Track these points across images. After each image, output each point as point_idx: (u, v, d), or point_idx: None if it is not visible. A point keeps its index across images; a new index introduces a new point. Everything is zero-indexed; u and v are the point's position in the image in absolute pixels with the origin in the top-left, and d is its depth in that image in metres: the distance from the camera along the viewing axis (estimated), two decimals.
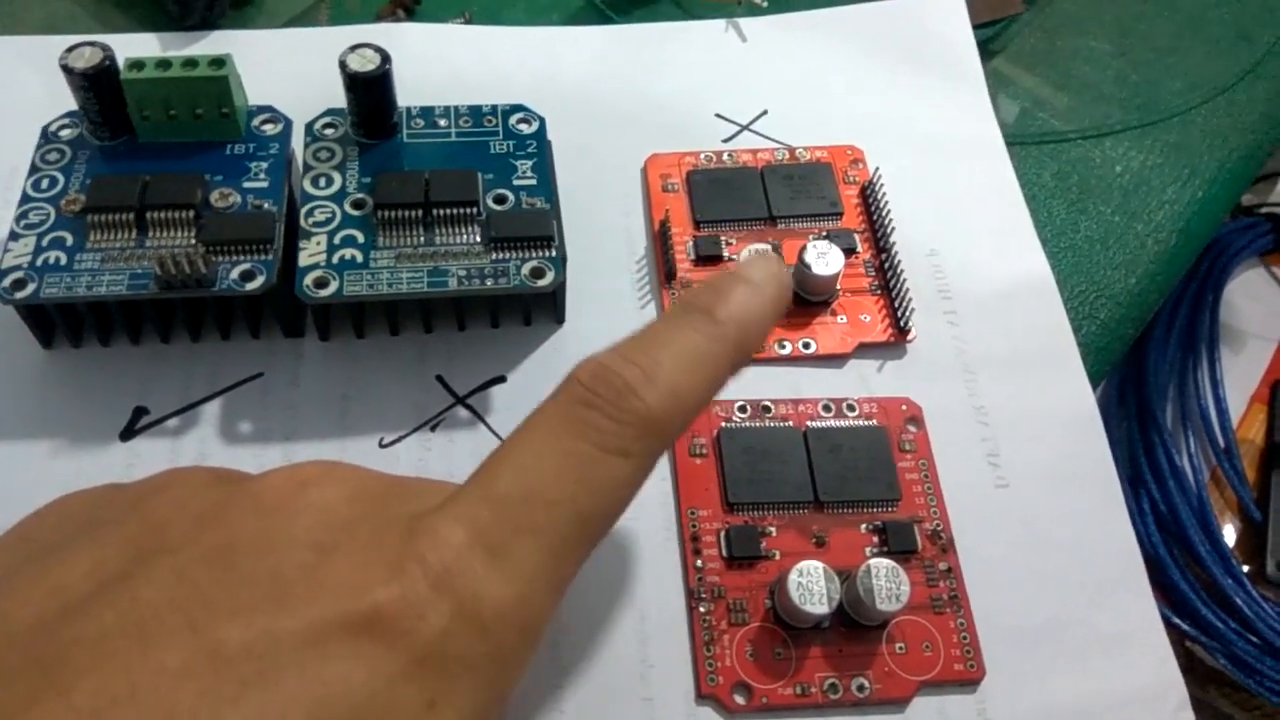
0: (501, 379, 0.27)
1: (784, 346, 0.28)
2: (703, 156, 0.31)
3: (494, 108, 0.28)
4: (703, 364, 0.19)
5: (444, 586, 0.16)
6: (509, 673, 0.17)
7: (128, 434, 0.25)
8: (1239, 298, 0.64)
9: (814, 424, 0.26)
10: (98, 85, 0.25)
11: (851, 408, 0.27)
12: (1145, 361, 0.60)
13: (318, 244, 0.25)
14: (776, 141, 0.32)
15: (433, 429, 0.26)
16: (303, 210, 0.25)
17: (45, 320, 0.26)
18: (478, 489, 0.18)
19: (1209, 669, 0.54)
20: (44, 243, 0.24)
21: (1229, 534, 0.56)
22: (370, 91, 0.26)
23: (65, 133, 0.27)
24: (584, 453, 0.18)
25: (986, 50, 0.35)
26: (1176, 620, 0.53)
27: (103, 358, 0.26)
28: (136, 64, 0.25)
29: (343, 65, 0.25)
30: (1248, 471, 0.57)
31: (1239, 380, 0.61)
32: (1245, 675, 0.53)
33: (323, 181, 0.26)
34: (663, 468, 0.26)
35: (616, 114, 0.32)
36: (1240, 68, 0.36)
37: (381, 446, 0.26)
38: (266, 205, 0.25)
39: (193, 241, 0.24)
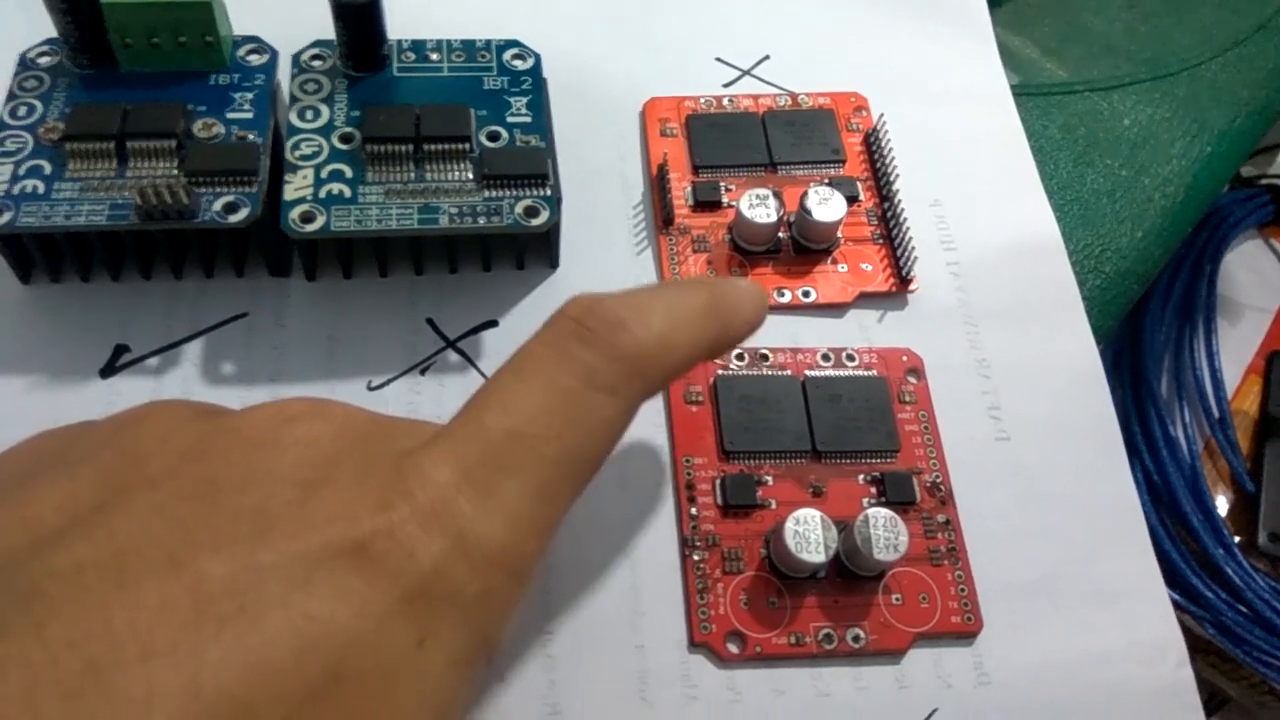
0: (493, 323, 0.26)
1: (783, 294, 0.27)
2: (702, 101, 0.30)
3: (488, 43, 0.27)
4: (691, 324, 0.19)
5: (432, 525, 0.16)
6: (497, 615, 0.17)
7: (108, 371, 0.25)
8: (1237, 269, 0.64)
9: (813, 373, 0.26)
10: (76, 9, 0.24)
11: (851, 357, 0.26)
12: (1141, 331, 0.60)
13: (304, 178, 0.24)
14: (778, 87, 0.31)
15: (422, 372, 0.25)
16: (289, 143, 0.24)
17: (23, 253, 0.25)
18: (465, 426, 0.17)
19: (1198, 639, 0.54)
20: (21, 171, 0.23)
21: (1221, 504, 0.56)
22: (359, 21, 0.25)
23: (44, 60, 0.26)
24: (572, 389, 0.18)
25: None
26: (1167, 590, 0.53)
27: (83, 293, 0.26)
28: None
29: None
30: (1241, 442, 0.57)
31: (1235, 351, 0.60)
32: (1233, 645, 0.53)
33: (310, 114, 0.25)
34: (658, 414, 0.25)
35: (614, 55, 0.31)
36: (1252, 22, 0.35)
37: (370, 389, 0.25)
38: (251, 137, 0.24)
39: (174, 172, 0.24)
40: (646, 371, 0.18)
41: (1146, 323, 0.59)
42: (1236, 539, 0.54)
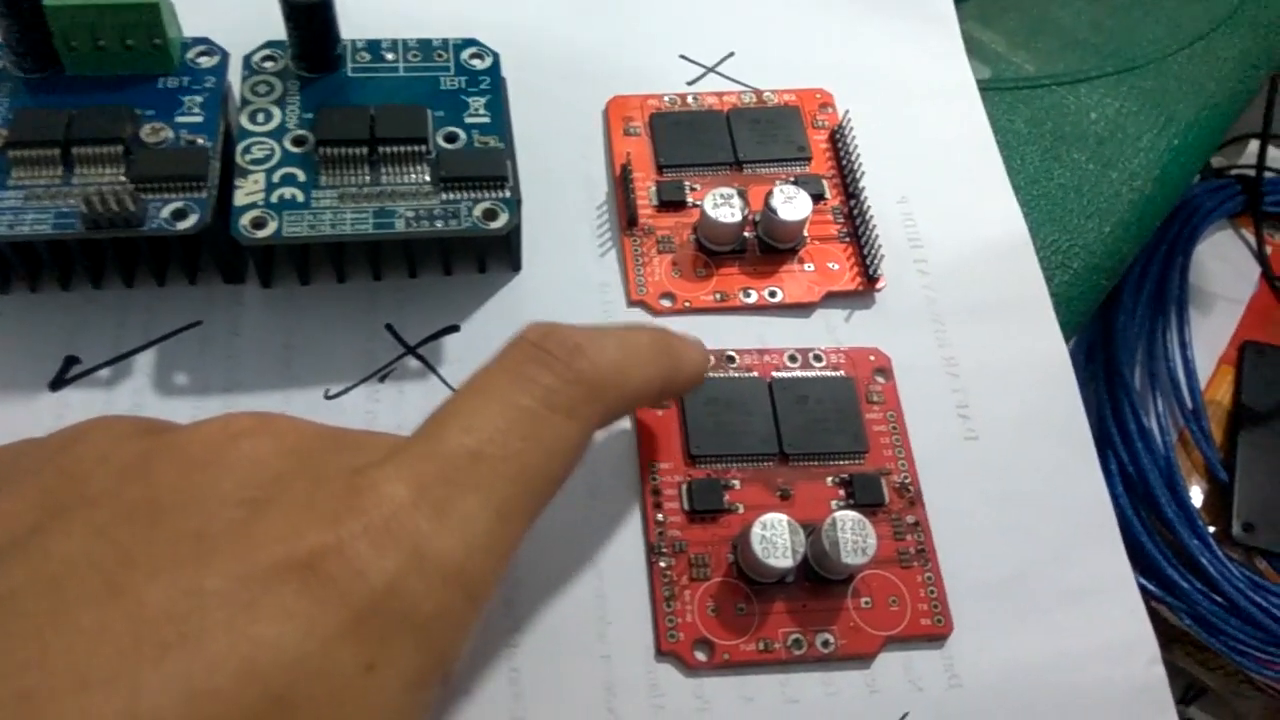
0: (455, 328, 0.26)
1: (750, 295, 0.27)
2: (666, 99, 0.30)
3: (445, 41, 0.27)
4: (643, 356, 0.20)
5: (385, 542, 0.15)
6: (452, 637, 0.16)
7: (57, 384, 0.24)
8: (1208, 259, 0.64)
9: (779, 374, 0.25)
10: (19, 12, 0.24)
11: (818, 358, 0.26)
12: (1114, 323, 0.60)
13: (255, 182, 0.23)
14: (743, 84, 0.31)
15: (381, 380, 0.25)
16: (239, 147, 0.24)
17: None
18: (422, 444, 0.17)
19: (1173, 629, 0.54)
20: None
21: (1196, 495, 0.56)
22: (311, 21, 0.24)
23: None
24: (532, 410, 0.18)
25: None
26: (1142, 581, 0.53)
27: (31, 304, 0.25)
28: None
29: None
30: (1215, 433, 0.57)
31: (1207, 342, 0.61)
32: (1209, 635, 0.53)
33: (261, 117, 0.24)
34: (624, 420, 0.25)
35: (576, 53, 0.31)
36: (1218, 14, 0.35)
37: (327, 398, 0.24)
38: (200, 141, 0.24)
39: (121, 178, 0.23)
40: (604, 395, 0.19)
41: (1119, 314, 0.59)
42: (1211, 529, 0.54)
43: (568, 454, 0.18)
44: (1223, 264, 0.63)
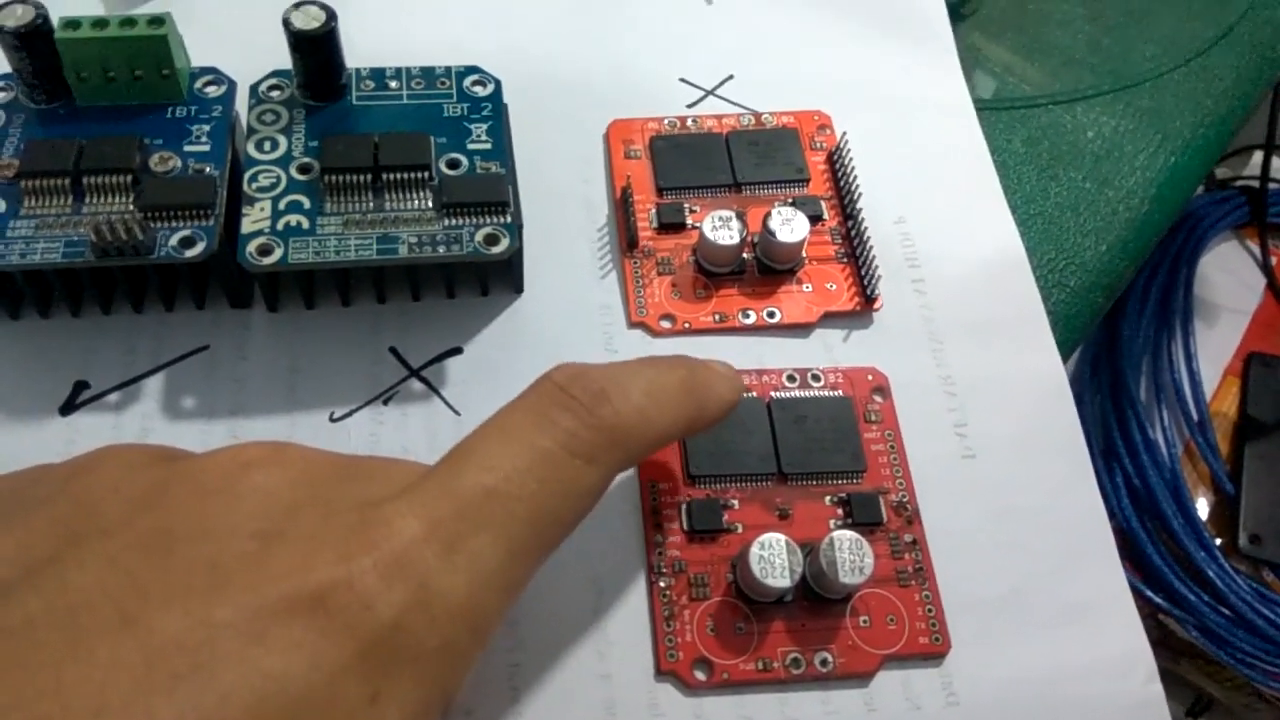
0: (458, 350, 0.26)
1: (748, 316, 0.27)
2: (666, 122, 0.30)
3: (448, 69, 0.27)
4: (669, 401, 0.20)
5: (394, 577, 0.16)
6: (455, 670, 0.17)
7: (68, 409, 0.24)
8: (1213, 271, 0.64)
9: (778, 395, 0.26)
10: (31, 45, 0.24)
11: (816, 378, 0.26)
12: (1119, 334, 0.60)
13: (261, 210, 0.24)
14: (742, 106, 0.31)
15: (385, 403, 0.25)
16: (246, 175, 0.24)
17: None
18: (439, 480, 0.17)
19: (1181, 641, 0.54)
20: None
21: (1202, 507, 0.56)
22: (316, 51, 0.25)
23: None
24: (551, 453, 0.18)
25: (956, 13, 0.35)
26: (1149, 593, 0.53)
27: (42, 330, 0.25)
28: (72, 23, 0.24)
29: (286, 23, 0.24)
30: (1221, 444, 0.57)
31: (1213, 353, 0.61)
32: (1216, 647, 0.53)
33: (267, 145, 0.25)
34: None
35: (577, 78, 0.31)
36: (1214, 32, 0.35)
37: (332, 421, 0.25)
38: (208, 169, 0.24)
39: (130, 207, 0.23)
40: (625, 443, 0.19)
41: (1124, 327, 0.59)
42: (1218, 541, 0.54)
43: (584, 498, 0.18)
44: (1227, 275, 0.63)
